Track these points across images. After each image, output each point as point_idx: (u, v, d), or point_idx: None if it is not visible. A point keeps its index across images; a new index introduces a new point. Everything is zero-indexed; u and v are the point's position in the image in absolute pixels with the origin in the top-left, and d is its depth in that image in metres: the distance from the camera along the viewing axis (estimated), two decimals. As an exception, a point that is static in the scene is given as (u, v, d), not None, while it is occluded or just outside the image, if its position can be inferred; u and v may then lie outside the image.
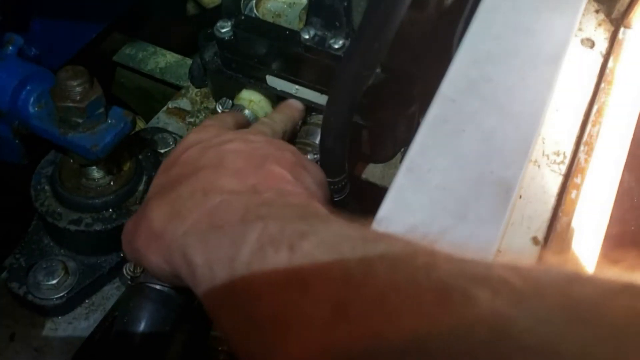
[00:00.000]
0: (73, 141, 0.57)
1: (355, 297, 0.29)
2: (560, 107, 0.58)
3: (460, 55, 0.51)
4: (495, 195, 0.44)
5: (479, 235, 0.42)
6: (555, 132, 0.56)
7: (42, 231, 0.64)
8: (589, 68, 0.62)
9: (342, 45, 0.61)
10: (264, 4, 0.72)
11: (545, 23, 0.53)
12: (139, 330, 0.55)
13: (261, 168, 0.47)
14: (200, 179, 0.45)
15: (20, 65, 0.60)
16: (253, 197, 0.42)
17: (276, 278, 0.33)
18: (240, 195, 0.43)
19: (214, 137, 0.52)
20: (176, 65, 0.88)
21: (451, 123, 0.47)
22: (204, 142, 0.51)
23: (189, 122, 0.78)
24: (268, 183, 0.45)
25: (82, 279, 0.61)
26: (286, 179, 0.47)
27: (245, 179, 0.45)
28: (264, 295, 0.33)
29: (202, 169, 0.47)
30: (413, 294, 0.27)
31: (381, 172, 0.73)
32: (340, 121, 0.55)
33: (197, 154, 0.50)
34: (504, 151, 0.46)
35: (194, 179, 0.46)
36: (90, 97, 0.55)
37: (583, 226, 0.54)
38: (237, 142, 0.51)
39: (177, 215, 0.43)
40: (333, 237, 0.34)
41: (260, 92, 0.71)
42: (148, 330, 0.55)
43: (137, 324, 0.55)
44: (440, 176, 0.45)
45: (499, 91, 0.49)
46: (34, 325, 0.60)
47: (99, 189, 0.62)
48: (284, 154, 0.50)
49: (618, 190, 0.59)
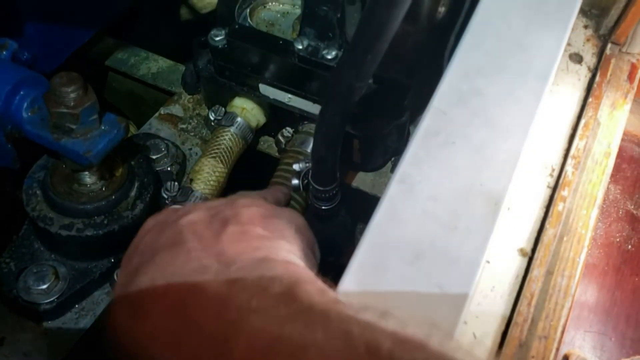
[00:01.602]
0: (66, 147, 0.57)
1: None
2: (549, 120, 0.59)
3: (451, 69, 0.52)
4: (484, 206, 0.44)
5: (468, 246, 0.43)
6: (543, 146, 0.57)
7: (33, 236, 0.64)
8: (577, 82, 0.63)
9: (335, 56, 0.61)
10: (258, 13, 0.73)
11: (535, 38, 0.54)
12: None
13: (224, 232, 0.43)
14: (157, 265, 0.41)
15: (14, 70, 0.60)
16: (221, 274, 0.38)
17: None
18: (208, 272, 0.38)
19: (169, 215, 0.48)
20: (168, 70, 0.88)
21: (442, 135, 0.48)
22: (160, 224, 0.47)
23: (181, 128, 0.78)
24: (233, 249, 0.41)
25: (72, 284, 0.61)
26: (255, 235, 0.44)
27: (208, 250, 0.41)
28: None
29: (158, 253, 0.42)
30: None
31: (372, 180, 0.73)
32: (333, 131, 0.56)
33: (154, 237, 0.45)
34: (493, 163, 0.47)
35: (152, 265, 0.41)
36: (84, 104, 0.56)
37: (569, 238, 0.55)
38: (196, 212, 0.46)
39: (138, 313, 0.39)
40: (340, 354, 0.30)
41: (253, 100, 0.71)
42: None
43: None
44: (431, 187, 0.45)
45: (489, 104, 0.50)
46: (23, 329, 0.60)
47: (91, 194, 0.62)
48: (249, 210, 0.47)
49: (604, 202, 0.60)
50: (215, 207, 0.47)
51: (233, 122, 0.70)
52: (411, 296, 0.41)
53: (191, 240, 0.42)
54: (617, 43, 0.68)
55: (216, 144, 0.70)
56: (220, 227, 0.44)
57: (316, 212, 0.64)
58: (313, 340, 0.30)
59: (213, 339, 0.34)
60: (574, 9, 0.57)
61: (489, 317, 0.50)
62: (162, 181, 0.68)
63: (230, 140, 0.70)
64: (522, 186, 0.55)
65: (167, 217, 0.48)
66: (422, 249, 0.42)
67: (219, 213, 0.46)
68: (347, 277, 0.41)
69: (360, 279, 0.41)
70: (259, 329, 0.32)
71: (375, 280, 0.41)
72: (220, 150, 0.69)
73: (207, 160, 0.69)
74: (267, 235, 0.44)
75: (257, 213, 0.46)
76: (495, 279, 0.51)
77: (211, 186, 0.68)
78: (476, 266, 0.42)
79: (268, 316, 0.33)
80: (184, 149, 0.75)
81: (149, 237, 0.46)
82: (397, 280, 0.41)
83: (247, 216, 0.46)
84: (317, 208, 0.63)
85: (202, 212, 0.46)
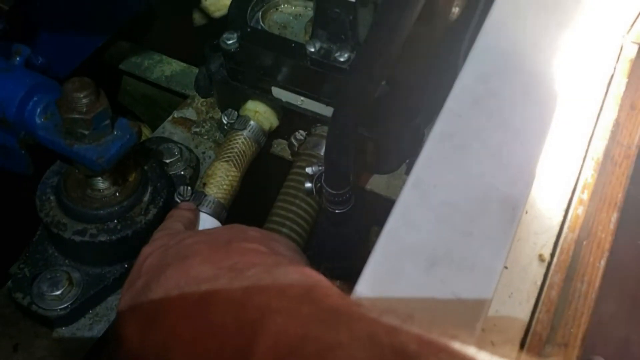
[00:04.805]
0: (79, 152, 0.57)
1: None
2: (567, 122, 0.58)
3: (466, 71, 0.51)
4: (501, 212, 0.44)
5: (485, 253, 0.42)
6: (561, 148, 0.56)
7: (47, 241, 0.64)
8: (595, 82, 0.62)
9: (348, 59, 0.61)
10: (270, 16, 0.72)
11: (551, 39, 0.53)
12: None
13: (229, 248, 0.43)
14: (168, 277, 0.41)
15: (28, 76, 0.60)
16: (237, 279, 0.38)
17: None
18: (221, 279, 0.38)
19: (169, 240, 0.49)
20: (182, 73, 0.88)
21: (457, 139, 0.47)
22: (161, 247, 0.48)
23: (194, 131, 0.78)
24: (244, 259, 0.41)
25: (86, 290, 0.61)
26: (260, 251, 0.44)
27: (218, 262, 0.41)
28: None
29: (167, 268, 0.42)
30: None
31: (386, 183, 0.73)
32: (345, 133, 0.55)
33: (158, 259, 0.46)
34: (509, 167, 0.46)
35: (163, 279, 0.41)
36: (96, 109, 0.55)
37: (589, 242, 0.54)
38: (196, 236, 0.48)
39: (152, 323, 0.39)
40: (366, 355, 0.29)
41: (266, 103, 0.71)
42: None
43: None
44: (445, 192, 0.44)
45: (505, 106, 0.49)
46: (37, 335, 0.60)
47: (104, 199, 0.62)
48: (247, 233, 0.48)
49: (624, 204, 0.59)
50: (214, 232, 0.49)
51: (246, 126, 0.70)
52: (427, 303, 0.40)
53: (201, 253, 0.43)
54: (636, 42, 0.67)
55: (229, 148, 0.69)
56: (225, 244, 0.44)
57: (329, 216, 0.63)
58: (339, 341, 0.29)
59: (234, 339, 0.33)
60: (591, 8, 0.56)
61: (507, 324, 0.49)
62: (175, 185, 0.68)
63: (243, 144, 0.69)
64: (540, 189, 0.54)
65: (167, 241, 0.49)
66: (438, 255, 0.41)
67: (220, 236, 0.47)
68: (361, 284, 0.41)
69: (374, 286, 0.41)
70: (283, 329, 0.32)
71: (390, 286, 0.41)
72: (233, 154, 0.69)
73: (220, 164, 0.68)
74: (267, 252, 0.44)
75: (256, 235, 0.47)
76: (513, 286, 0.50)
77: (224, 190, 0.67)
78: (494, 273, 0.41)
79: (291, 316, 0.33)
80: (197, 153, 0.75)
81: (152, 259, 0.47)
82: (412, 287, 0.40)
83: (250, 236, 0.47)
84: (330, 212, 0.62)
85: (203, 236, 0.47)
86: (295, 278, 0.37)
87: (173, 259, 0.44)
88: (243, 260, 0.41)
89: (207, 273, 0.39)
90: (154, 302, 0.40)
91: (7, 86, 0.59)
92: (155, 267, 0.45)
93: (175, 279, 0.40)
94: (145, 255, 0.48)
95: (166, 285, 0.40)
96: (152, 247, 0.50)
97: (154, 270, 0.44)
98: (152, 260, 0.46)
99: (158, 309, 0.39)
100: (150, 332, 0.38)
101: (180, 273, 0.41)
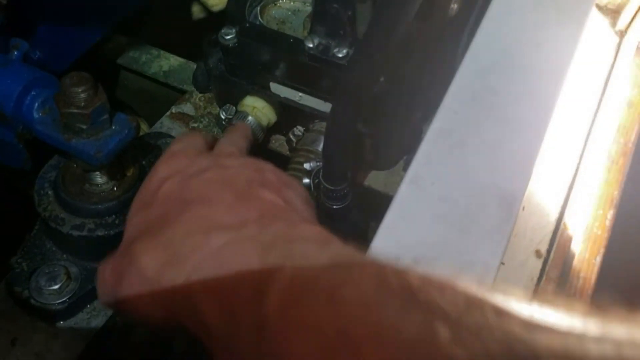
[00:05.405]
0: (77, 147, 0.57)
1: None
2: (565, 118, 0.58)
3: (464, 66, 0.51)
4: (498, 208, 0.44)
5: (482, 248, 0.42)
6: (559, 144, 0.56)
7: (45, 236, 0.64)
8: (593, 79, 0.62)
9: (346, 54, 0.61)
10: (269, 11, 0.72)
11: (550, 34, 0.53)
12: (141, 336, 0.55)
13: (251, 198, 0.43)
14: (193, 217, 0.41)
15: (25, 71, 0.60)
16: (263, 231, 0.38)
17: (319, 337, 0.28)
18: (248, 228, 0.39)
19: (187, 166, 0.48)
20: (180, 68, 0.88)
21: (455, 135, 0.47)
22: (180, 174, 0.46)
23: (192, 127, 0.78)
24: (267, 212, 0.42)
25: (84, 284, 0.61)
26: (279, 205, 0.43)
27: (242, 213, 0.41)
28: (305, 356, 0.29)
29: (189, 205, 0.42)
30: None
31: (384, 179, 0.73)
32: (344, 129, 0.55)
33: (177, 188, 0.45)
34: (508, 164, 0.46)
35: (186, 216, 0.41)
36: (94, 104, 0.56)
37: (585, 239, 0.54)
38: (215, 170, 0.47)
39: (175, 259, 0.39)
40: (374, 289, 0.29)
41: (264, 99, 0.71)
42: (149, 336, 0.55)
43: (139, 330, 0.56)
44: (443, 188, 0.45)
45: (504, 103, 0.49)
46: (35, 330, 0.60)
47: (102, 194, 0.62)
48: (264, 175, 0.47)
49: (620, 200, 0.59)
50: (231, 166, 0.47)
51: (244, 121, 0.70)
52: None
53: (224, 200, 0.42)
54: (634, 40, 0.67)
55: (227, 143, 0.69)
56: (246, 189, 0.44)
57: (327, 212, 0.63)
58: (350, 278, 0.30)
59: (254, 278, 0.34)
60: (590, 5, 0.56)
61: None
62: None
63: (241, 139, 0.69)
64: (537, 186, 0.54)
65: (185, 167, 0.47)
66: (435, 252, 0.42)
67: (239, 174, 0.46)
68: (358, 280, 0.41)
69: (371, 282, 0.41)
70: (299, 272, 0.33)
71: (387, 282, 0.41)
72: (231, 150, 0.69)
73: (218, 159, 0.68)
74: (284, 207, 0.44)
75: (273, 181, 0.46)
76: (510, 281, 0.50)
77: (222, 185, 0.67)
78: (491, 269, 0.41)
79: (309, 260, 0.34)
80: (195, 148, 0.75)
81: (170, 185, 0.45)
82: (409, 283, 0.40)
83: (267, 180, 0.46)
84: (328, 207, 0.63)
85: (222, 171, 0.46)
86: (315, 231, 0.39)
87: (194, 194, 0.43)
88: (266, 213, 0.41)
89: (232, 221, 0.40)
90: (174, 240, 0.40)
91: (5, 81, 0.59)
92: (174, 199, 0.44)
93: (199, 221, 0.40)
94: (161, 178, 0.47)
95: (189, 226, 0.40)
96: (169, 169, 0.48)
97: (173, 203, 0.44)
98: (170, 187, 0.45)
99: (180, 248, 0.39)
100: (169, 270, 0.38)
101: (204, 218, 0.41)
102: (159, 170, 0.48)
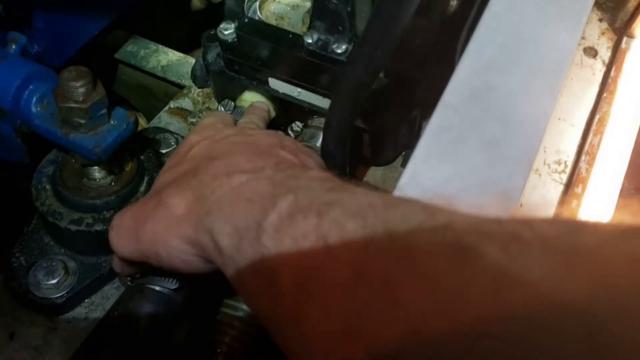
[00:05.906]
0: (75, 142, 0.57)
1: (374, 260, 0.30)
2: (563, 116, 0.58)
3: (463, 63, 0.51)
4: (496, 205, 0.44)
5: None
6: (557, 141, 0.56)
7: (43, 230, 0.64)
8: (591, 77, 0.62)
9: (345, 50, 0.61)
10: (268, 6, 0.72)
11: (549, 32, 0.53)
12: (139, 331, 0.55)
13: (271, 154, 0.48)
14: (218, 165, 0.46)
15: (24, 65, 0.60)
16: (277, 174, 0.43)
17: (302, 243, 0.34)
18: (265, 171, 0.44)
19: (215, 134, 0.54)
20: (178, 63, 0.88)
21: (454, 131, 0.47)
22: (209, 139, 0.53)
23: (190, 122, 0.78)
24: (283, 163, 0.47)
25: (82, 279, 0.61)
26: (295, 162, 0.49)
27: (261, 162, 0.46)
28: (289, 261, 0.34)
29: (216, 158, 0.48)
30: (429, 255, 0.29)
31: (382, 175, 0.73)
32: (342, 125, 0.55)
33: (205, 149, 0.51)
34: (506, 160, 0.46)
35: (212, 166, 0.46)
36: (93, 98, 0.55)
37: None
38: (240, 136, 0.53)
39: (200, 197, 0.44)
40: (358, 205, 0.34)
41: (263, 95, 0.71)
42: (147, 330, 0.55)
43: (137, 325, 0.55)
44: (442, 185, 0.45)
45: (502, 100, 0.49)
46: (33, 324, 0.60)
47: (100, 189, 0.62)
48: (284, 141, 0.52)
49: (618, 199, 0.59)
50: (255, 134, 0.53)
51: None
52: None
53: (247, 153, 0.48)
54: (632, 37, 0.67)
55: (225, 139, 0.69)
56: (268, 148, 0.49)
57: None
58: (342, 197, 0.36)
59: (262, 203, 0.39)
60: (589, 2, 0.56)
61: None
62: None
63: (239, 134, 0.69)
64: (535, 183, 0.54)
65: (213, 134, 0.53)
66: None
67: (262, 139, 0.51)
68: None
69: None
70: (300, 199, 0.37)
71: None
72: (230, 145, 0.69)
73: (216, 154, 0.68)
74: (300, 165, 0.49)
75: (292, 147, 0.52)
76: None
77: (220, 181, 0.67)
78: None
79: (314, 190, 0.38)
80: (193, 143, 0.75)
81: (198, 149, 0.51)
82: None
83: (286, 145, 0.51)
84: (326, 203, 0.63)
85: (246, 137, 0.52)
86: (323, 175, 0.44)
87: (221, 152, 0.49)
88: (283, 164, 0.46)
89: (253, 166, 0.45)
90: (202, 182, 0.44)
91: (3, 74, 0.59)
92: (202, 156, 0.50)
93: (223, 168, 0.45)
94: (190, 144, 0.53)
95: (216, 171, 0.45)
96: (199, 136, 0.54)
97: (201, 159, 0.49)
98: (199, 150, 0.51)
99: (206, 188, 0.44)
100: (196, 207, 0.43)
101: (228, 165, 0.46)
102: (190, 138, 0.55)
